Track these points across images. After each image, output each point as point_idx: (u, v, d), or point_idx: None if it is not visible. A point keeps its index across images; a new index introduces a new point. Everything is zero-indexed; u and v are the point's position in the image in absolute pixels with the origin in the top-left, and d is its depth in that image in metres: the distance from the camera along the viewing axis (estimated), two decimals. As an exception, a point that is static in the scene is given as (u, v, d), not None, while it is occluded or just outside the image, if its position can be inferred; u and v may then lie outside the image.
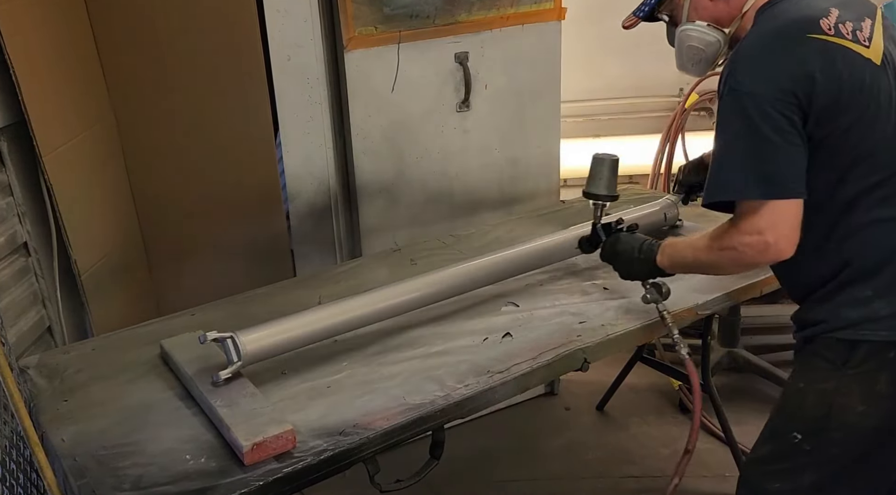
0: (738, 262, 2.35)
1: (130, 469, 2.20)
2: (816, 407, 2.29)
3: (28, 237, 3.19)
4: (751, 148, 2.17)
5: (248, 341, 2.48)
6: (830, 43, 2.15)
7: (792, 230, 2.18)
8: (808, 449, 2.30)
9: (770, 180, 2.16)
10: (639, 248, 2.72)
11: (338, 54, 3.51)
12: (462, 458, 3.88)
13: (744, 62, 2.20)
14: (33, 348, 3.17)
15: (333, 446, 2.25)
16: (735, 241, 2.26)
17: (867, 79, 2.16)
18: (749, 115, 2.15)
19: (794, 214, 2.18)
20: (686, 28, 2.47)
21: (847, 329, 2.23)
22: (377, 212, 3.78)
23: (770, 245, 2.19)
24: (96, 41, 3.79)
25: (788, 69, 2.13)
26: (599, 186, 2.94)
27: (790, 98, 2.11)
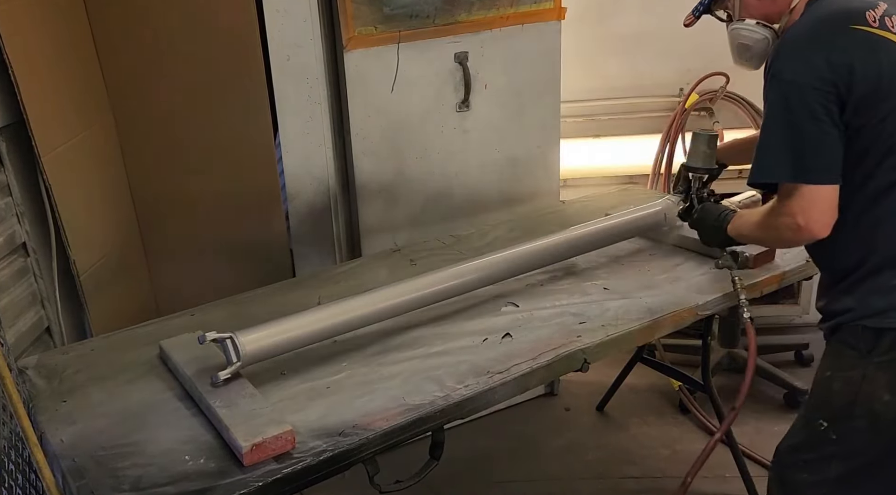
0: (779, 240, 2.59)
1: (129, 470, 2.19)
2: (843, 395, 2.32)
3: (27, 237, 3.18)
4: (787, 133, 2.26)
5: (247, 342, 2.47)
6: (874, 34, 2.21)
7: (823, 214, 2.26)
8: (834, 437, 2.33)
9: (802, 165, 2.25)
10: (717, 216, 2.88)
11: (337, 54, 3.51)
12: (462, 459, 3.88)
13: (786, 49, 2.28)
14: (32, 349, 3.16)
15: (333, 447, 2.24)
16: (776, 222, 2.39)
17: None
18: (787, 101, 2.25)
19: (825, 199, 2.25)
20: (736, 27, 2.57)
21: (873, 316, 2.27)
22: (377, 212, 3.78)
23: (801, 227, 2.28)
24: (95, 41, 3.78)
25: (829, 58, 2.19)
26: (697, 160, 3.18)
27: (829, 87, 2.17)
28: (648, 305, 2.94)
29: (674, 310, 2.93)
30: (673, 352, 4.54)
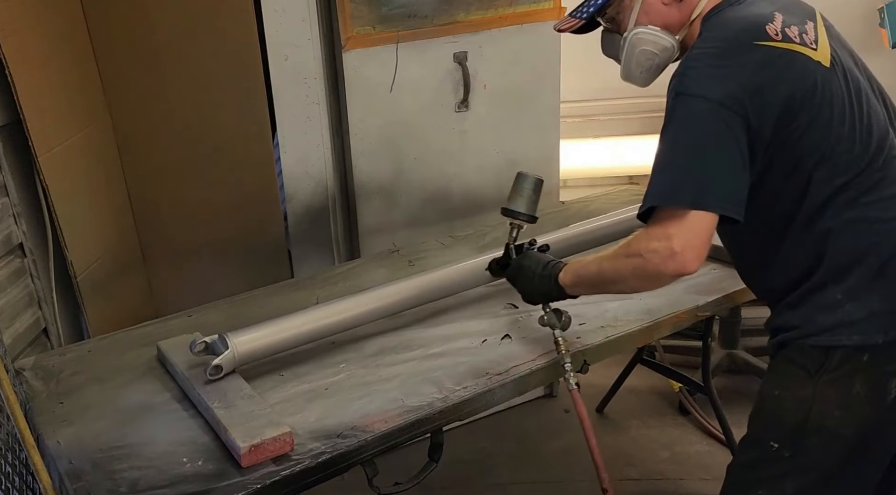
0: (641, 272, 2.17)
1: (127, 472, 2.19)
2: (794, 415, 2.23)
3: (24, 238, 3.16)
4: (688, 153, 2.10)
5: (241, 341, 2.48)
6: (779, 49, 2.11)
7: (702, 244, 2.07)
8: (787, 455, 2.25)
9: (700, 189, 2.07)
10: (543, 265, 2.52)
11: (336, 54, 3.51)
12: (461, 461, 3.87)
13: (693, 70, 2.13)
14: (29, 350, 3.15)
15: (331, 449, 2.24)
16: (642, 247, 2.13)
17: (819, 81, 2.13)
18: (693, 121, 2.10)
19: (708, 229, 2.09)
20: (639, 31, 2.34)
21: (820, 335, 2.18)
22: (375, 212, 3.77)
23: (676, 253, 2.06)
24: (92, 41, 3.77)
25: (738, 78, 2.07)
26: (520, 204, 2.67)
27: (737, 108, 2.05)
28: (648, 306, 2.93)
29: (673, 311, 2.92)
30: (673, 353, 4.52)
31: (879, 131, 2.20)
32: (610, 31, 2.47)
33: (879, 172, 2.17)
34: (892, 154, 2.21)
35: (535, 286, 2.54)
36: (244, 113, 3.93)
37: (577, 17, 2.44)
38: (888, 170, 2.18)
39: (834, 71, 2.17)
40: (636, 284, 2.28)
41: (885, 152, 2.19)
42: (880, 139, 2.19)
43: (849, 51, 2.33)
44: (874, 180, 2.16)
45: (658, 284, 2.21)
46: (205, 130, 3.99)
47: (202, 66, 3.88)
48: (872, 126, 2.19)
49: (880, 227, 2.15)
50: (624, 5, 2.38)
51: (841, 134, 2.14)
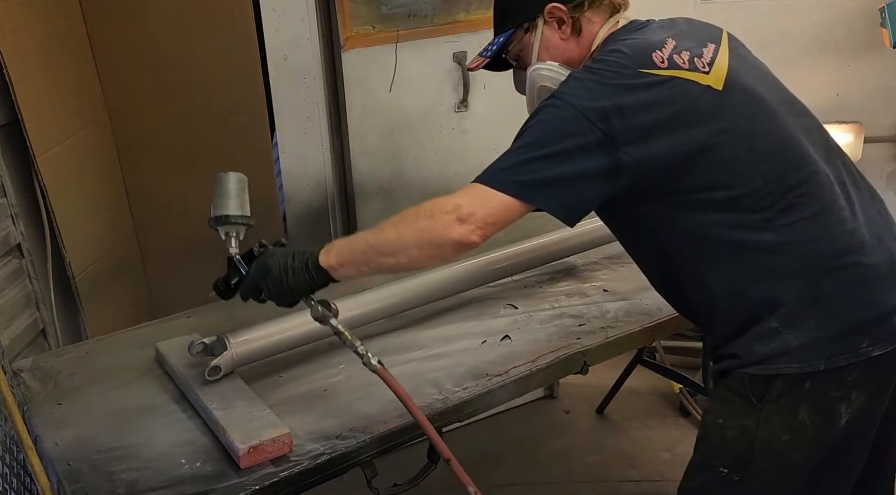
0: (424, 235, 2.08)
1: (125, 473, 2.17)
2: (739, 443, 2.18)
3: (21, 238, 3.16)
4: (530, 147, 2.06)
5: (240, 342, 2.48)
6: (661, 76, 2.07)
7: (493, 227, 2.04)
8: (737, 479, 2.19)
9: (523, 181, 2.04)
10: (293, 256, 2.21)
11: (335, 54, 3.51)
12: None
13: (572, 81, 2.11)
14: (27, 351, 3.14)
15: (330, 450, 2.22)
16: (437, 207, 2.07)
17: (705, 107, 2.09)
18: (549, 119, 2.07)
19: (509, 216, 2.06)
20: (538, 67, 2.32)
21: (760, 364, 2.10)
22: (374, 212, 3.77)
23: (462, 219, 2.01)
24: (91, 41, 3.77)
25: (611, 99, 2.03)
26: (230, 206, 2.37)
27: (601, 124, 2.01)
28: (648, 307, 2.92)
29: (674, 312, 2.89)
30: (673, 354, 4.52)
31: (790, 149, 2.13)
32: (518, 68, 2.47)
33: (795, 191, 2.08)
34: (810, 170, 2.12)
35: (290, 282, 2.20)
36: (243, 113, 3.93)
37: (483, 55, 2.45)
38: (806, 188, 2.10)
39: (728, 93, 2.11)
40: (416, 254, 2.12)
41: (799, 170, 2.11)
42: (792, 157, 2.12)
43: (759, 70, 2.27)
44: (790, 200, 2.08)
45: (440, 254, 2.11)
46: (203, 130, 3.99)
47: (201, 66, 3.88)
48: (779, 144, 2.12)
49: (804, 248, 2.08)
50: (524, 42, 2.36)
51: (738, 156, 2.08)
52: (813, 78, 4.04)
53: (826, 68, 4.18)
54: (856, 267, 2.08)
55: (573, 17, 2.29)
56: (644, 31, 2.23)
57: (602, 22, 2.30)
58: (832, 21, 4.18)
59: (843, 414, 2.09)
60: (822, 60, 4.18)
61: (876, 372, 2.09)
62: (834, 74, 4.19)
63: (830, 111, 3.82)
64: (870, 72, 4.20)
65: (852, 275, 2.07)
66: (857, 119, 4.08)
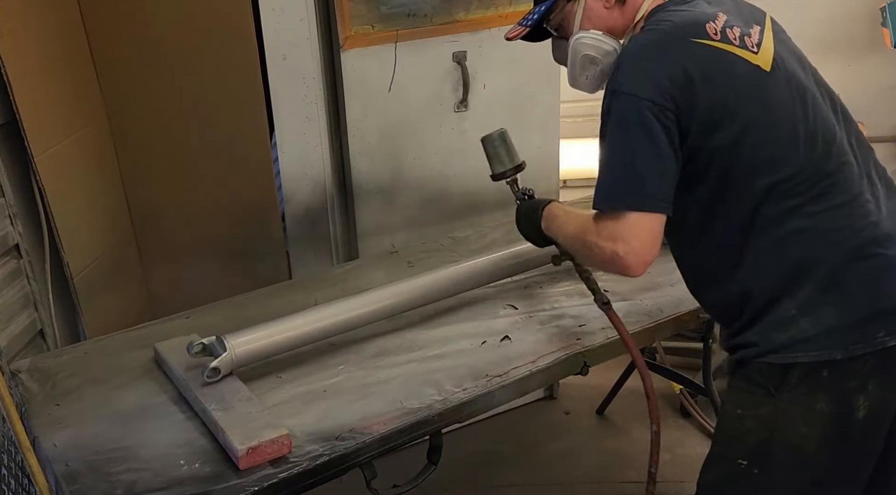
0: (593, 261, 2.37)
1: (124, 474, 2.17)
2: (757, 433, 2.19)
3: (20, 239, 3.15)
4: (624, 154, 2.11)
5: (239, 343, 2.47)
6: (715, 48, 2.09)
7: (643, 247, 2.10)
8: (756, 471, 2.21)
9: (634, 189, 2.09)
10: (531, 215, 2.61)
11: (334, 53, 3.49)
12: (460, 463, 3.85)
13: (626, 65, 2.14)
14: (25, 352, 3.14)
15: (330, 451, 2.22)
16: (592, 240, 2.19)
17: (754, 85, 2.11)
18: (626, 118, 2.09)
19: (649, 230, 2.10)
20: (581, 36, 2.31)
21: (778, 352, 2.12)
22: (374, 213, 3.75)
23: (619, 257, 2.11)
24: (89, 41, 3.76)
25: (671, 73, 2.06)
26: (501, 163, 2.86)
27: (669, 103, 2.04)
28: (649, 308, 2.92)
29: (675, 312, 2.90)
30: (674, 354, 4.50)
31: (827, 138, 2.14)
32: (558, 38, 2.46)
33: (828, 180, 2.11)
34: (842, 160, 2.15)
35: (533, 236, 2.64)
36: (242, 113, 3.93)
37: (523, 24, 2.44)
38: (837, 178, 2.12)
39: (774, 75, 2.13)
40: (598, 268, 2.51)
41: (833, 159, 2.13)
42: (828, 145, 2.14)
43: (797, 55, 2.29)
44: (822, 188, 2.10)
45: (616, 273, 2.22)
46: (202, 131, 3.99)
47: (200, 66, 3.87)
48: (818, 132, 2.14)
49: (829, 237, 2.10)
50: (567, 11, 2.36)
51: (781, 139, 2.10)
52: (813, 78, 4.02)
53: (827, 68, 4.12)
54: (878, 257, 2.10)
55: None
56: (693, 3, 2.22)
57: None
58: (833, 21, 4.18)
59: (860, 406, 2.11)
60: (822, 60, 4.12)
61: (891, 364, 2.11)
62: (835, 74, 4.14)
63: (831, 111, 3.82)
64: (871, 72, 4.20)
65: (874, 265, 2.10)
66: (858, 119, 4.03)
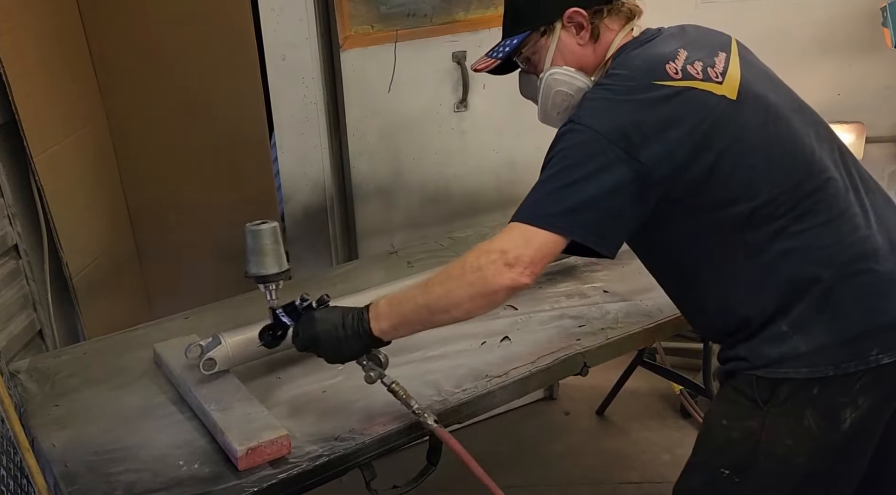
0: (475, 289, 2.06)
1: (123, 475, 2.16)
2: (742, 445, 2.18)
3: (18, 239, 3.15)
4: (560, 179, 2.05)
5: (235, 341, 2.47)
6: (676, 87, 2.06)
7: (541, 265, 2.03)
8: (737, 481, 2.20)
9: (559, 213, 2.02)
10: (343, 325, 2.20)
11: (333, 53, 3.49)
12: (460, 464, 3.82)
13: (589, 101, 2.13)
14: (24, 352, 3.13)
15: (329, 451, 2.22)
16: (482, 260, 2.04)
17: (720, 117, 2.08)
18: (573, 147, 2.06)
19: (551, 251, 2.04)
20: (554, 72, 2.28)
21: (768, 367, 2.11)
22: (373, 213, 3.75)
23: (510, 265, 2.00)
24: (88, 40, 3.76)
25: (630, 116, 2.03)
26: (267, 264, 2.42)
27: (624, 144, 2.00)
28: (649, 308, 2.91)
29: (674, 312, 2.86)
30: (674, 355, 4.50)
31: (804, 156, 2.12)
32: (527, 72, 2.43)
33: (810, 199, 2.09)
34: (824, 177, 2.12)
35: (345, 350, 2.23)
36: (241, 113, 3.93)
37: (493, 56, 2.40)
38: (820, 195, 2.10)
39: (742, 102, 2.10)
40: (469, 306, 2.11)
41: (813, 178, 2.11)
42: (806, 164, 2.11)
43: (768, 76, 2.27)
44: (805, 207, 2.08)
45: (493, 301, 2.09)
46: (201, 131, 3.99)
47: (199, 66, 3.88)
48: (796, 151, 2.12)
49: (817, 255, 2.08)
50: (539, 45, 2.32)
51: (755, 165, 2.08)
52: (814, 78, 4.02)
53: (827, 68, 4.17)
54: (868, 273, 2.07)
55: (593, 23, 2.26)
56: (655, 41, 2.21)
57: (618, 29, 2.28)
58: (833, 21, 4.17)
59: (846, 418, 2.09)
60: (823, 60, 4.17)
61: (885, 380, 2.08)
62: (835, 74, 4.18)
63: (831, 111, 3.80)
64: (871, 72, 4.19)
65: (865, 281, 2.07)
66: (859, 119, 4.07)
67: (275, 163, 3.90)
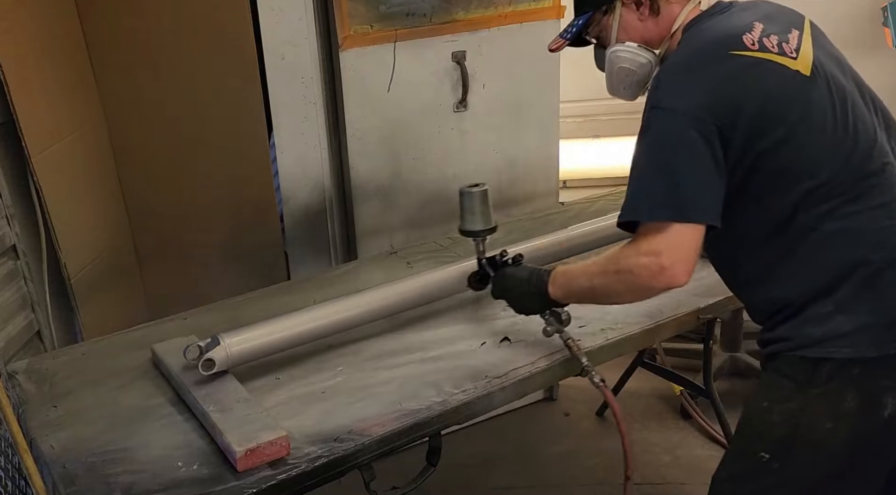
0: (632, 287, 2.22)
1: (121, 476, 2.16)
2: (782, 427, 2.20)
3: (16, 240, 3.14)
4: (664, 167, 2.11)
5: (234, 342, 2.47)
6: (754, 58, 2.11)
7: (688, 256, 2.10)
8: (776, 467, 2.22)
9: (677, 202, 2.09)
10: (527, 281, 2.54)
11: (333, 53, 3.48)
12: (459, 465, 3.84)
13: (666, 80, 2.17)
14: (22, 353, 3.13)
15: (328, 452, 2.21)
16: (631, 263, 2.16)
17: (795, 91, 2.12)
18: (666, 133, 2.11)
19: (693, 240, 2.10)
20: (616, 49, 2.38)
21: (810, 346, 2.14)
22: (373, 213, 3.74)
23: (665, 268, 2.09)
24: (86, 40, 3.76)
25: (709, 88, 2.09)
26: (475, 222, 2.75)
27: (710, 117, 2.06)
28: (649, 309, 2.90)
29: (675, 313, 2.89)
30: (674, 356, 4.50)
31: (867, 140, 2.16)
32: (599, 47, 2.50)
33: (867, 182, 2.13)
34: (883, 161, 2.16)
35: (528, 303, 2.58)
36: (240, 113, 3.92)
37: (563, 37, 2.51)
38: (878, 179, 2.14)
39: (814, 79, 2.14)
40: (629, 298, 2.34)
41: (873, 161, 2.14)
42: (868, 147, 2.15)
43: (836, 58, 2.29)
44: (861, 189, 2.12)
45: (650, 296, 2.26)
46: (200, 131, 3.98)
47: (198, 66, 3.87)
48: (859, 134, 2.15)
49: (868, 238, 2.11)
50: (603, 24, 2.41)
51: (822, 143, 2.11)
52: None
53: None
54: None
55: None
56: (729, 14, 2.26)
57: (682, 3, 2.32)
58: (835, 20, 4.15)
59: (888, 404, 2.12)
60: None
61: None
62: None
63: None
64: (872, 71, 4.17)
65: None
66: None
67: (274, 164, 3.89)
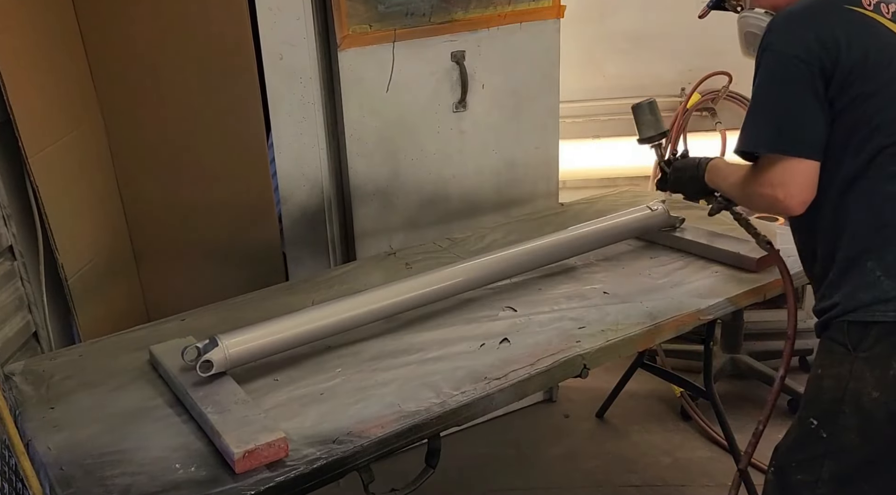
0: (756, 207, 2.75)
1: (119, 478, 2.15)
2: (831, 391, 2.31)
3: (13, 240, 3.13)
4: (773, 104, 2.31)
5: (232, 343, 2.46)
6: (866, 16, 2.26)
7: (800, 189, 2.29)
8: (824, 436, 2.31)
9: (786, 137, 2.28)
10: (694, 167, 2.92)
11: (331, 53, 3.47)
12: (458, 467, 3.83)
13: (779, 24, 2.33)
14: (19, 354, 3.12)
15: (327, 454, 2.20)
16: (754, 190, 2.42)
17: (892, 53, 2.26)
18: (775, 73, 2.30)
19: (804, 173, 2.28)
20: (745, 15, 2.63)
21: (858, 311, 2.26)
22: (371, 214, 3.73)
23: (779, 200, 2.31)
24: (84, 40, 3.75)
25: (818, 33, 2.23)
26: (648, 129, 3.15)
27: (815, 60, 2.22)
28: (649, 310, 2.90)
29: (675, 314, 2.89)
30: (674, 357, 4.49)
31: None
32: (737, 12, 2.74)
33: None
34: None
35: (689, 188, 2.98)
36: (238, 113, 3.91)
37: (707, 6, 2.81)
38: None
39: None
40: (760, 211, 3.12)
41: None
42: None
43: None
44: None
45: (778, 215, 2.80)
46: (198, 131, 3.97)
47: (196, 66, 3.86)
48: None
49: None
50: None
51: None
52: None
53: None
54: None
55: None
56: None
57: None
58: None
59: None
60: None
61: None
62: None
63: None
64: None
65: None
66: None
67: (272, 164, 3.88)
